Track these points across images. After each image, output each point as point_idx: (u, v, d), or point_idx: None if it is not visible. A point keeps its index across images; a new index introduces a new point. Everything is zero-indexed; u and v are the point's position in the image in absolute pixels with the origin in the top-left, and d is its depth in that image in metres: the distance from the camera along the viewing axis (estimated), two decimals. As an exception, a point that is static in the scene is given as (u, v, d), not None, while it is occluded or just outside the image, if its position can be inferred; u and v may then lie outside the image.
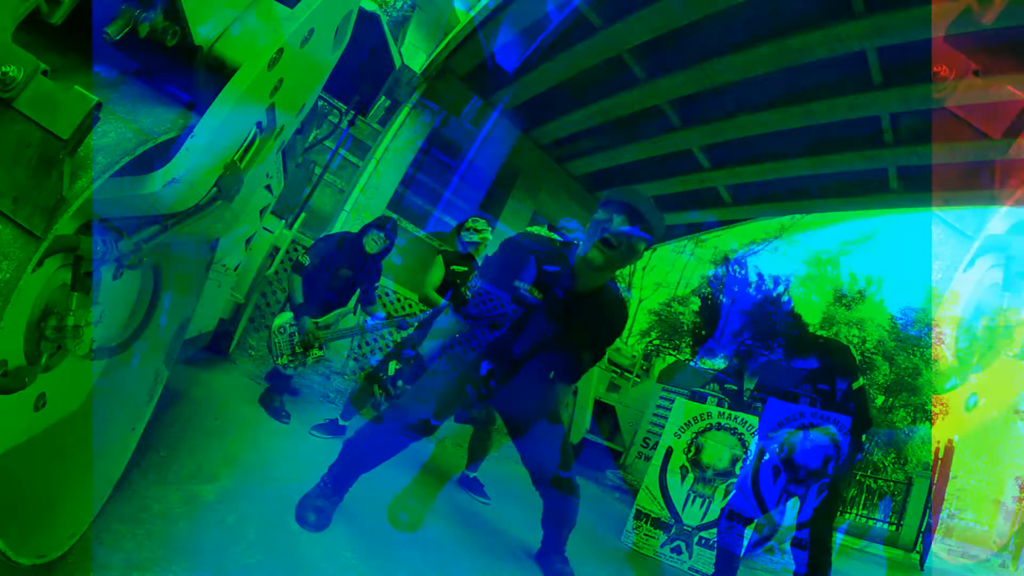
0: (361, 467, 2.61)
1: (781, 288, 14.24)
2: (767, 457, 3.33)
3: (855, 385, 3.44)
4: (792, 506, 3.30)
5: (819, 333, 13.13)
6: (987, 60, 5.64)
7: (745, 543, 3.47)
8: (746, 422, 4.43)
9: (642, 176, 9.73)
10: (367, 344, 5.91)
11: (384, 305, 6.90)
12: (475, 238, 4.26)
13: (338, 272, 4.28)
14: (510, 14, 6.98)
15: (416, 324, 3.78)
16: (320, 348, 4.13)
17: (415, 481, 3.47)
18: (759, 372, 3.34)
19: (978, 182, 7.18)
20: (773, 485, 3.24)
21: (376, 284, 4.46)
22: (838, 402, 3.43)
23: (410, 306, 7.29)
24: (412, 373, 2.87)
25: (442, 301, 3.99)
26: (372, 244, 4.23)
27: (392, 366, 3.51)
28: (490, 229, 4.33)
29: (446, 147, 9.75)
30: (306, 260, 4.13)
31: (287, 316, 4.08)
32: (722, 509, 3.32)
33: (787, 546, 3.42)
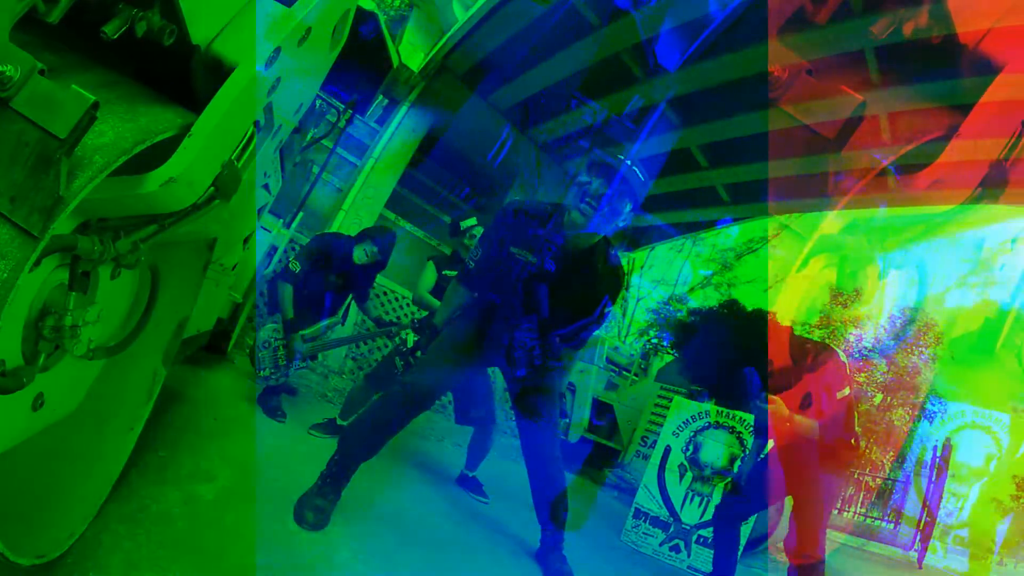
0: (362, 454, 2.62)
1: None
2: (928, 457, 3.35)
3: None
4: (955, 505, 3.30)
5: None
6: (821, 60, 5.69)
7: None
8: (743, 420, 4.43)
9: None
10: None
11: (377, 306, 6.88)
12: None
13: (327, 279, 4.21)
14: (671, 12, 6.85)
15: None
16: (304, 360, 4.09)
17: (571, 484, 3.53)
18: None
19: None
20: (935, 483, 3.27)
21: (369, 289, 4.44)
22: None
23: (408, 304, 7.28)
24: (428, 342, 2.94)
25: (437, 303, 3.97)
26: (361, 255, 4.17)
27: (411, 338, 3.51)
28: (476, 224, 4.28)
29: (608, 146, 9.69)
30: (296, 266, 4.05)
31: (271, 329, 4.02)
32: None
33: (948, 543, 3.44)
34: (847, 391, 3.28)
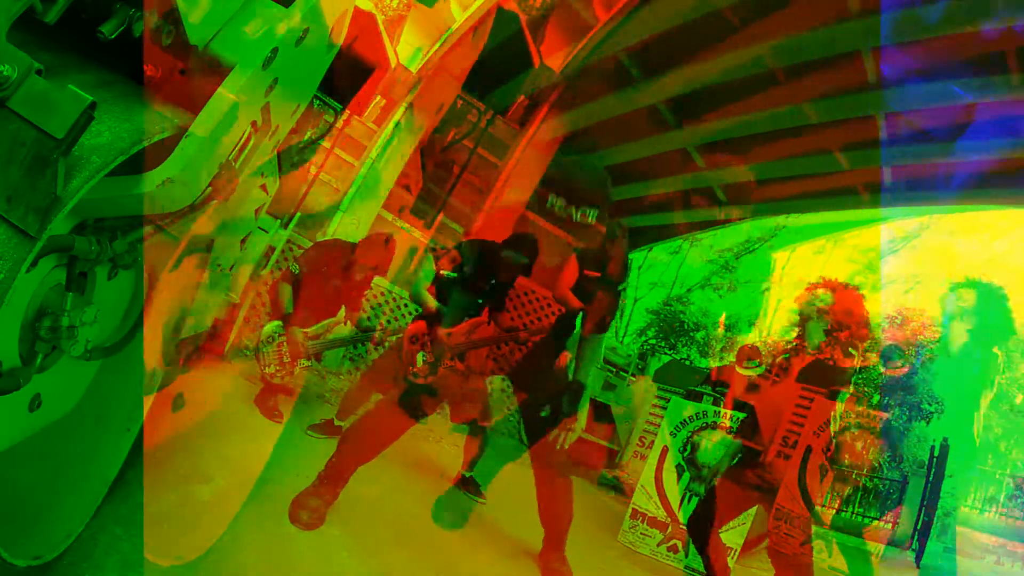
0: (361, 456, 2.62)
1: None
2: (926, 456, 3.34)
3: None
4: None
5: None
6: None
7: None
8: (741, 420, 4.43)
9: (636, 175, 9.74)
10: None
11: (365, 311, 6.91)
12: None
13: (328, 282, 4.28)
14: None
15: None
16: (309, 359, 4.12)
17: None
18: None
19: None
20: (932, 482, 3.25)
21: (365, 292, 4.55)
22: None
23: (404, 304, 7.26)
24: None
25: (435, 302, 3.98)
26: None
27: (420, 358, 3.52)
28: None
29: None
30: (296, 268, 4.13)
31: (275, 325, 4.05)
32: None
33: None
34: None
